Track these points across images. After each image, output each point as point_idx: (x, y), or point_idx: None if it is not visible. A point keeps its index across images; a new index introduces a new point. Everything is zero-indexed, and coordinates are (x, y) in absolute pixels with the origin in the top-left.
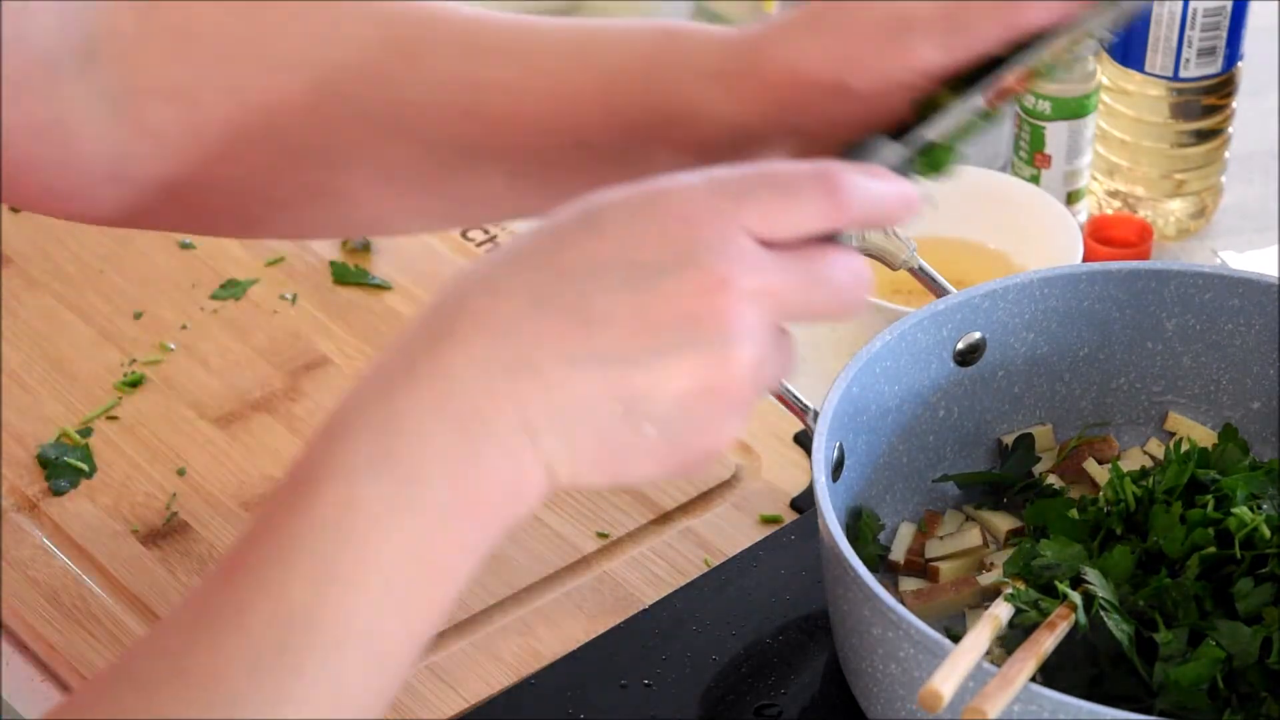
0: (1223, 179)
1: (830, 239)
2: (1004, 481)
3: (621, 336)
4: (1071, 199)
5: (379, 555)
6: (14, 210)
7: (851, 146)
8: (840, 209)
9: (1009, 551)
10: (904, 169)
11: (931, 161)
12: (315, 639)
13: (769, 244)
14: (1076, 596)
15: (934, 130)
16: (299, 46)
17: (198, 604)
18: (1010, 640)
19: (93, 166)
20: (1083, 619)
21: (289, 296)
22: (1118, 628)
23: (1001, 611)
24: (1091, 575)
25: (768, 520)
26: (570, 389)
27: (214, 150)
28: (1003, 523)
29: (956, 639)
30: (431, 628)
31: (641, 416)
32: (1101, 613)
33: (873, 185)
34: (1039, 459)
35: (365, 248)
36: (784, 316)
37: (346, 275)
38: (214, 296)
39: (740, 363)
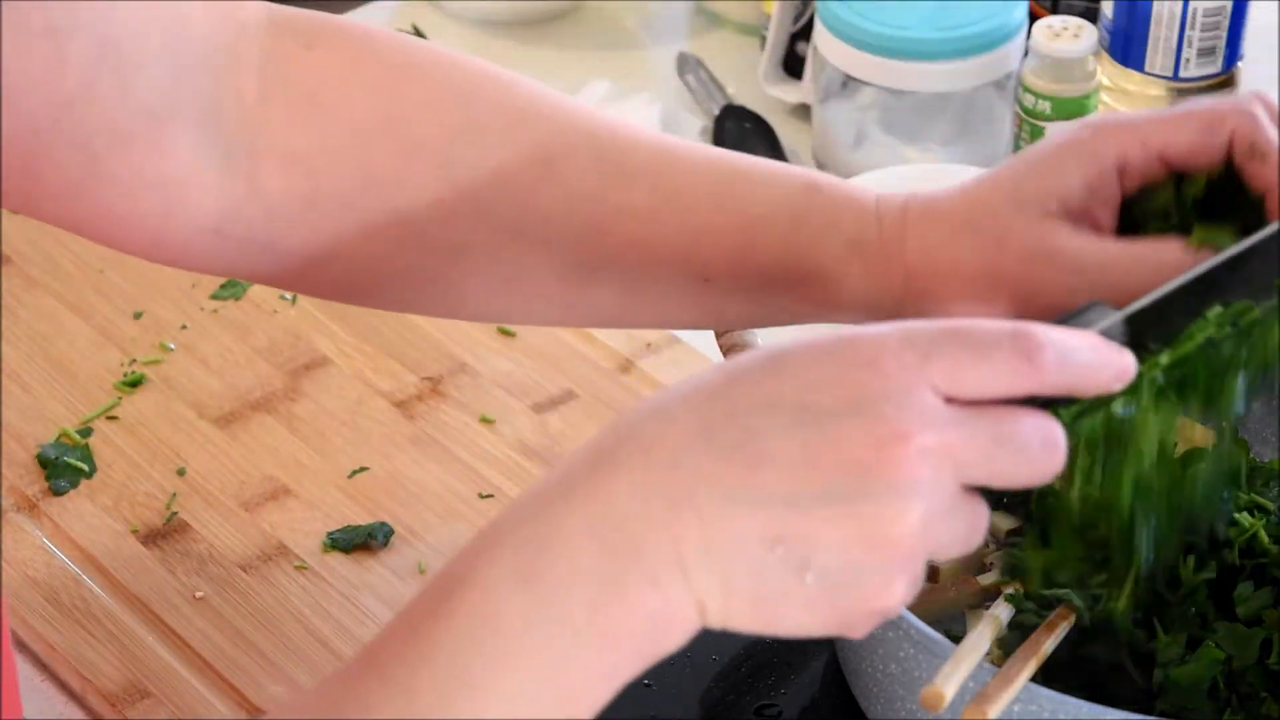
0: None
1: (1031, 400)
2: None
3: (784, 478)
4: None
5: (510, 669)
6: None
7: (1070, 313)
8: (1037, 372)
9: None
10: (1124, 339)
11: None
12: None
13: (956, 402)
14: (1078, 599)
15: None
16: (435, 135)
17: (328, 699)
18: (1009, 641)
19: (199, 219)
20: (1086, 620)
21: (289, 296)
22: (1113, 638)
23: (1001, 611)
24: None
25: None
26: (726, 527)
27: (327, 221)
28: (1003, 522)
29: (956, 639)
30: None
31: (800, 563)
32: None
33: (1077, 350)
34: None
35: None
36: (964, 477)
37: None
38: (214, 296)
39: (909, 520)
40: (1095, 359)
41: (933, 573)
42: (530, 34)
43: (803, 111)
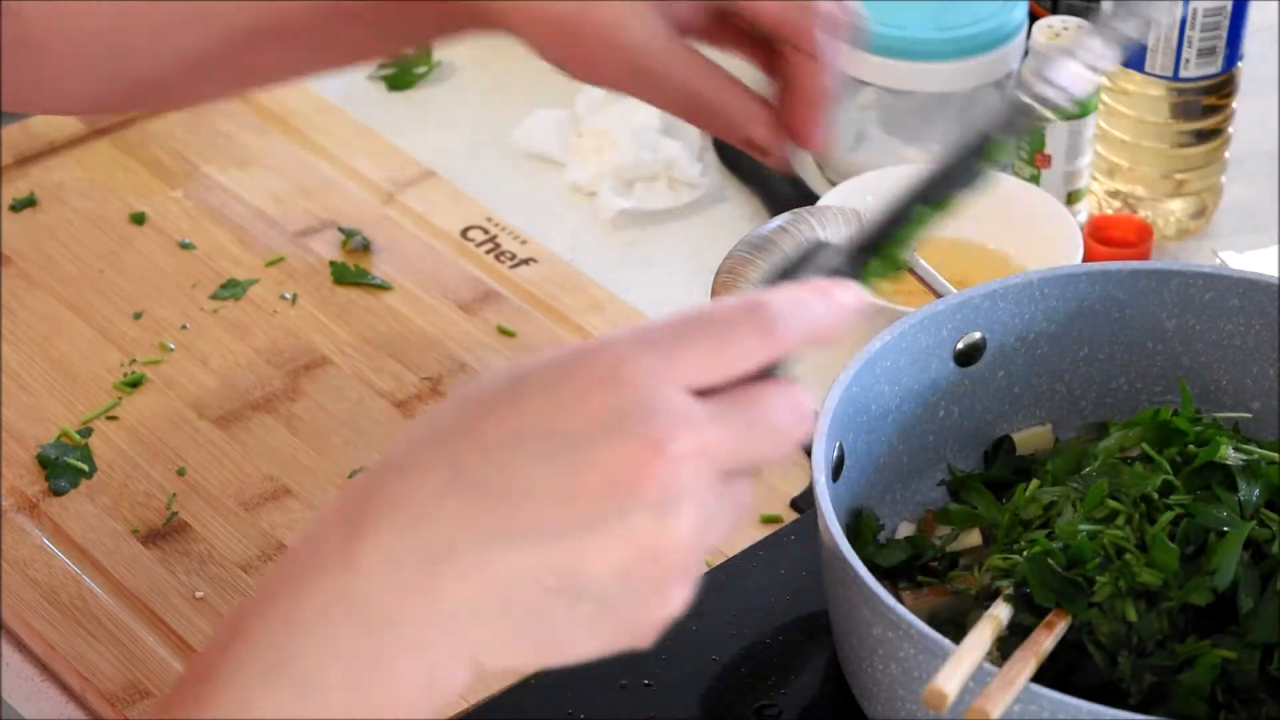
0: (1223, 179)
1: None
2: (1002, 481)
3: (546, 511)
4: (1071, 199)
5: None
6: (13, 210)
7: (796, 258)
8: (778, 343)
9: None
10: (850, 271)
11: (886, 261)
12: None
13: (703, 392)
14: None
15: (885, 232)
16: None
17: None
18: (1008, 641)
19: None
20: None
21: (289, 296)
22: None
23: (1001, 611)
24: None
25: (768, 520)
26: (491, 571)
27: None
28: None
29: (957, 639)
30: None
31: (575, 593)
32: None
33: (808, 309)
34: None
35: (365, 248)
36: (724, 468)
37: (346, 275)
38: (214, 296)
39: (680, 531)
40: (827, 308)
41: (933, 573)
42: None
43: None
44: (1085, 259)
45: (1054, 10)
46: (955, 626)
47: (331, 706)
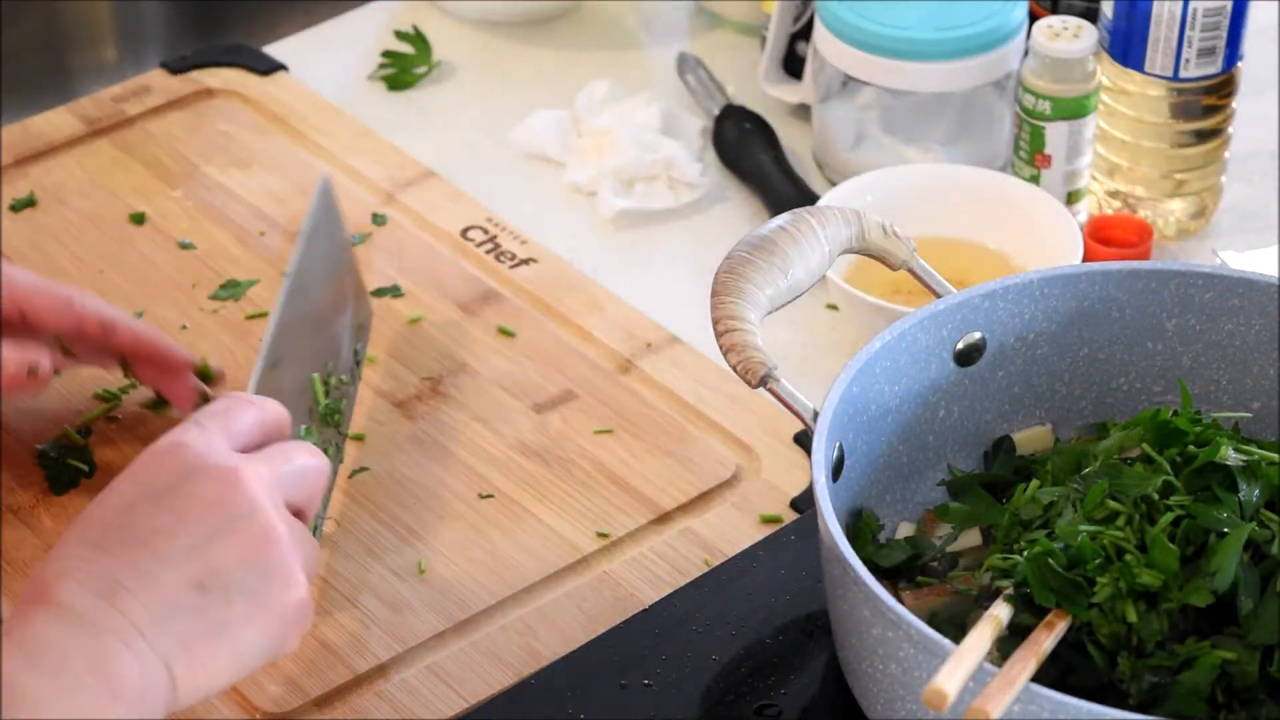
0: (1223, 179)
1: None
2: (1001, 481)
3: (173, 538)
4: (1071, 199)
5: None
6: (13, 210)
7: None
8: (270, 419)
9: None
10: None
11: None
12: None
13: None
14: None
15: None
16: None
17: None
18: (1008, 641)
19: None
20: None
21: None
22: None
23: (1001, 611)
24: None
25: (768, 520)
26: (154, 590)
27: None
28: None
29: (957, 639)
30: None
31: (221, 590)
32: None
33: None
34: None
35: (362, 241)
36: (283, 491)
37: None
38: (214, 296)
39: (269, 519)
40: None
41: (933, 573)
42: (530, 34)
43: (803, 111)
44: (1085, 259)
45: (1054, 10)
46: (955, 626)
47: (86, 687)
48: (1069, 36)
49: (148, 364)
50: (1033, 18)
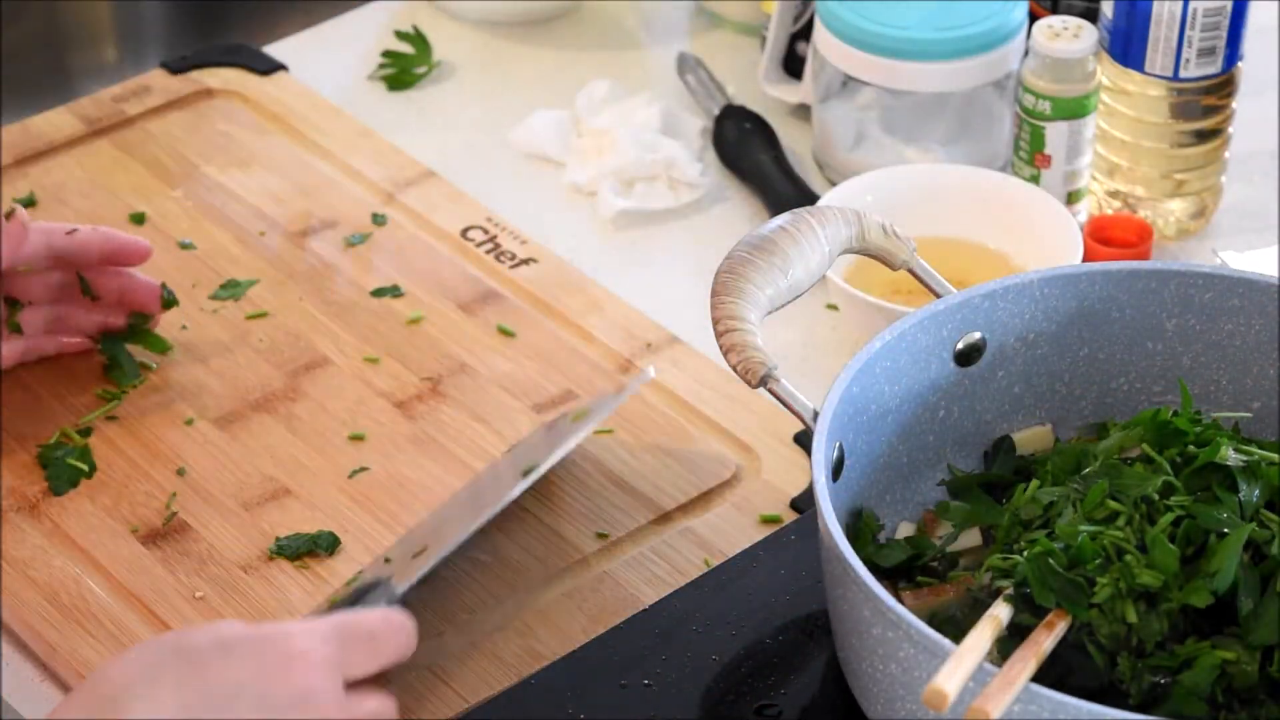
0: (1223, 179)
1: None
2: (1002, 481)
3: None
4: (1071, 199)
5: None
6: None
7: (359, 592)
8: (403, 653)
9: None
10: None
11: None
12: None
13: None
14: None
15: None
16: None
17: None
18: (1008, 641)
19: None
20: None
21: (290, 297)
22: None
23: (1001, 611)
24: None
25: (768, 520)
26: None
27: None
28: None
29: (957, 639)
30: None
31: None
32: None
33: (406, 629)
34: (1024, 459)
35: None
36: None
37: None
38: (214, 296)
39: None
40: (411, 627)
41: (933, 573)
42: (530, 34)
43: (803, 111)
44: (1085, 259)
45: (1054, 10)
46: (955, 626)
47: None
48: (1069, 36)
49: (108, 268)
50: (1033, 18)
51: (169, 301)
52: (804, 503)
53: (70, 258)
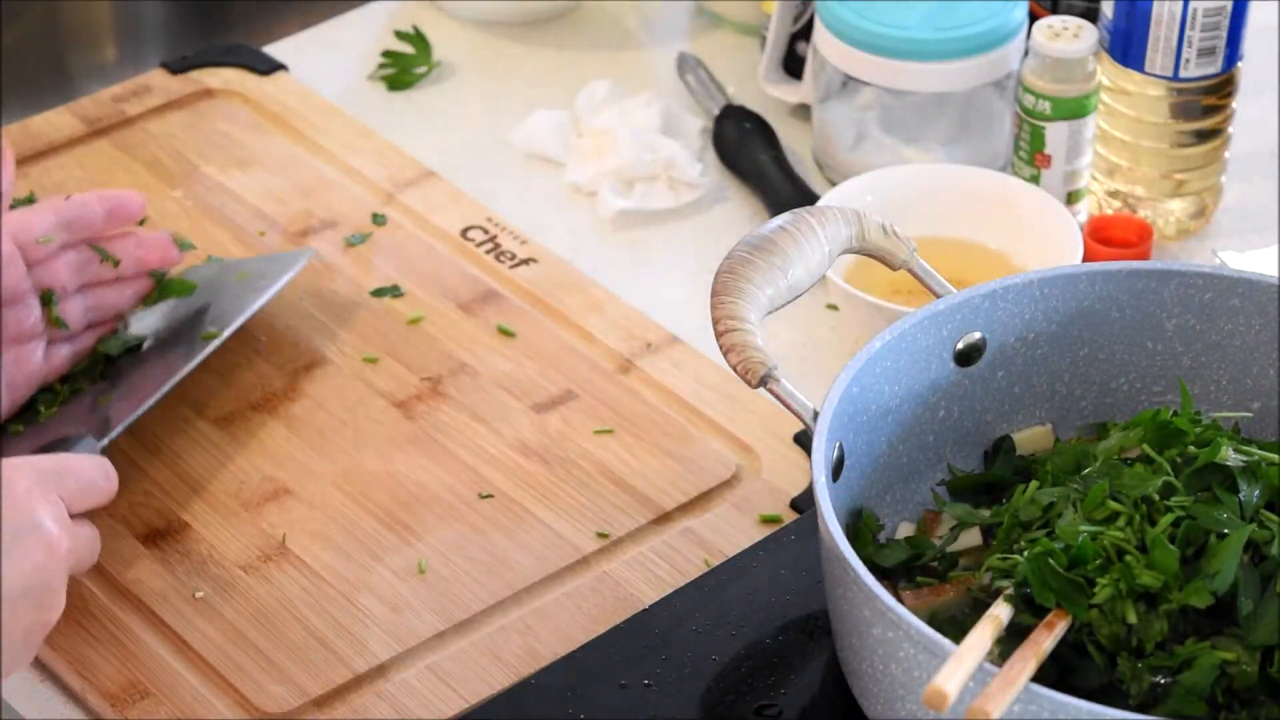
0: (1223, 179)
1: None
2: (1002, 482)
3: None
4: (1071, 199)
5: None
6: (14, 210)
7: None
8: (106, 494)
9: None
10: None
11: None
12: None
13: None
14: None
15: None
16: None
17: None
18: (1008, 641)
19: None
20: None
21: (290, 297)
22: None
23: (1002, 611)
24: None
25: (768, 520)
26: None
27: None
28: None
29: (957, 639)
30: None
31: None
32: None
33: (112, 474)
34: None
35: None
36: (73, 564)
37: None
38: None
39: (60, 606)
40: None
41: (933, 573)
42: (530, 34)
43: (803, 111)
44: (1085, 259)
45: (1054, 10)
46: (955, 626)
47: None
48: (1069, 36)
49: (117, 232)
50: (1033, 18)
51: (184, 245)
52: (804, 503)
53: (78, 223)
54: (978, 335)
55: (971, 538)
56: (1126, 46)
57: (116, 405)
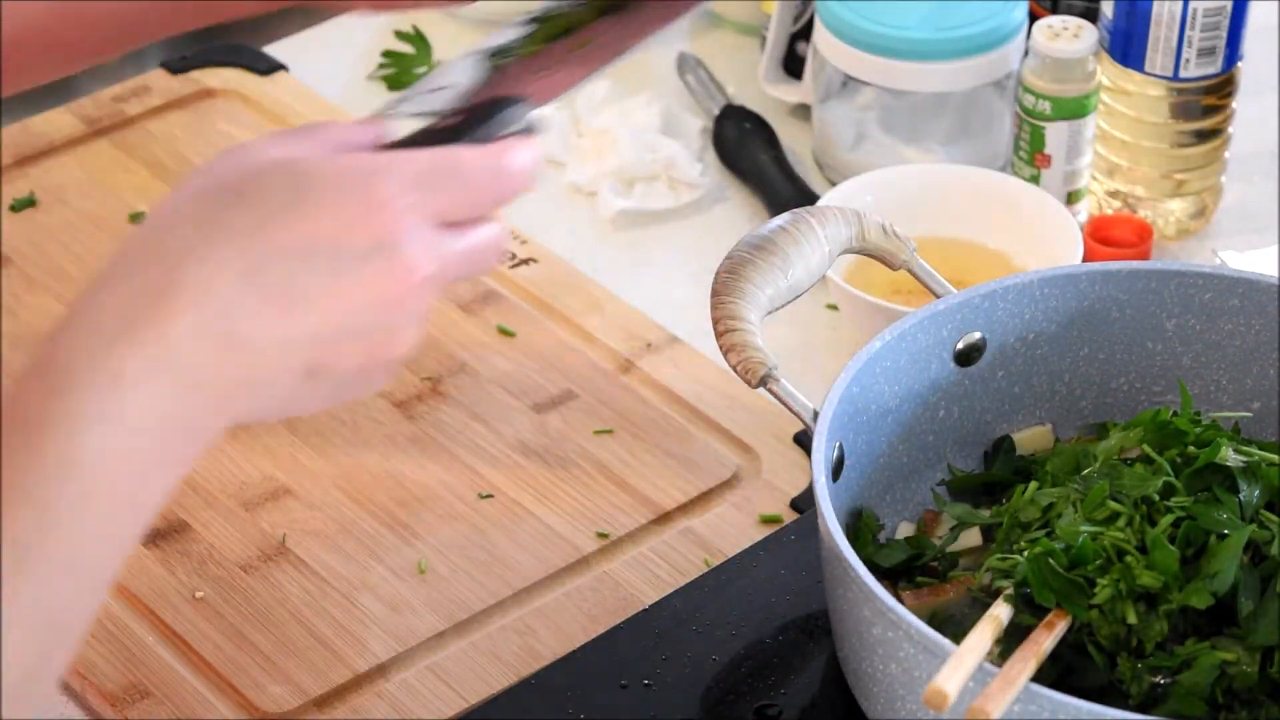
0: (1223, 179)
1: None
2: (1002, 482)
3: (322, 318)
4: (1071, 199)
5: (96, 503)
6: (13, 210)
7: (486, 109)
8: (509, 196)
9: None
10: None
11: None
12: (30, 568)
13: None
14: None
15: None
16: None
17: None
18: (1008, 641)
19: None
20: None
21: None
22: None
23: (1002, 611)
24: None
25: (768, 520)
26: (270, 362)
27: None
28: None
29: (957, 639)
30: (127, 552)
31: (319, 379)
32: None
33: (527, 164)
34: (1024, 459)
35: None
36: (444, 286)
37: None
38: None
39: (409, 339)
40: (534, 165)
41: (933, 573)
42: None
43: (803, 111)
44: (1085, 259)
45: (1054, 10)
46: (955, 626)
47: (148, 452)
48: (1069, 36)
49: None
50: (1033, 18)
51: None
52: (804, 503)
53: None
54: (978, 335)
55: (971, 538)
56: (1126, 46)
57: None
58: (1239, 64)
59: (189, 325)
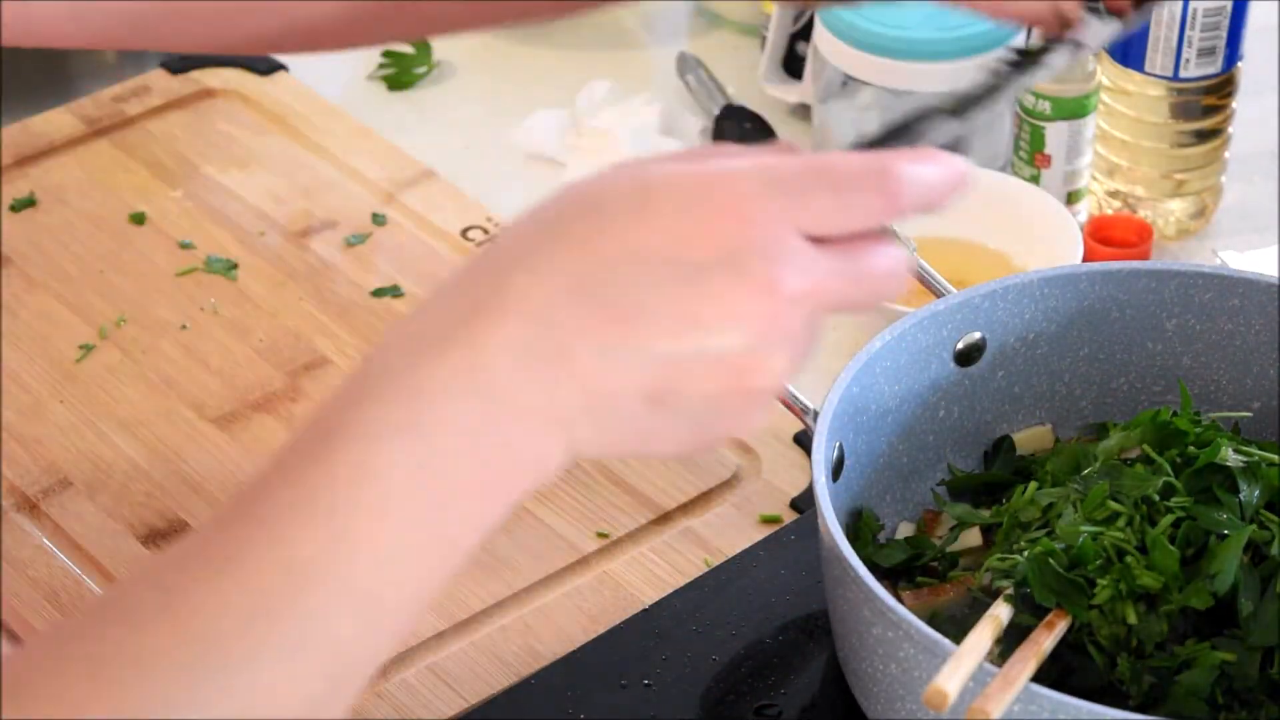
0: (1223, 179)
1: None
2: (1002, 482)
3: (662, 333)
4: (1071, 199)
5: (392, 522)
6: (13, 210)
7: (904, 122)
8: (894, 207)
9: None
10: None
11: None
12: (316, 593)
13: (819, 240)
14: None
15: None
16: None
17: (199, 544)
18: (1007, 643)
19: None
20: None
21: (290, 297)
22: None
23: (1001, 611)
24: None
25: (768, 520)
26: (604, 381)
27: None
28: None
29: (957, 639)
30: (429, 596)
31: (671, 410)
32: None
33: (926, 174)
34: (1024, 459)
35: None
36: (825, 312)
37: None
38: (213, 299)
39: (778, 366)
40: (942, 179)
41: (933, 573)
42: (530, 34)
43: (803, 111)
44: (1085, 259)
45: None
46: (955, 626)
47: (453, 474)
48: None
49: None
50: None
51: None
52: (804, 503)
53: None
54: (978, 335)
55: (971, 538)
56: (1126, 46)
57: None
58: (1239, 64)
59: (503, 339)
